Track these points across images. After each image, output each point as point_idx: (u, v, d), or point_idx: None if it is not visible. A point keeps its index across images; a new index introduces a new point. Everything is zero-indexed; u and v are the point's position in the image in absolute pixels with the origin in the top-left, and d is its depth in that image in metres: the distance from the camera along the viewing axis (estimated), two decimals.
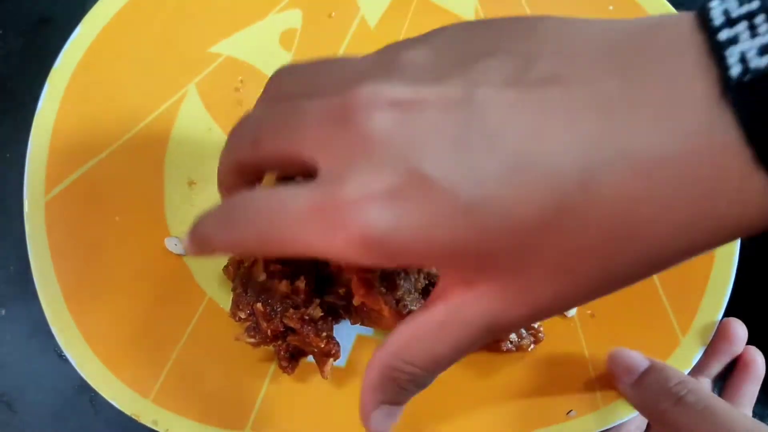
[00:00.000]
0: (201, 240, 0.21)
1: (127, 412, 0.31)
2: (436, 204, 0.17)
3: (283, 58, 0.37)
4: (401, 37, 0.38)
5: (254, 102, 0.36)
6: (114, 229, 0.34)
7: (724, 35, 0.15)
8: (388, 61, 0.20)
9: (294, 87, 0.22)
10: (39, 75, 0.35)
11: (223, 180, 0.24)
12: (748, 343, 0.34)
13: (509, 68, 0.18)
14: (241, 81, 0.37)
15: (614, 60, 0.17)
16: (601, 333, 0.34)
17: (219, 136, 0.36)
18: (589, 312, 0.34)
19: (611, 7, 0.38)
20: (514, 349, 0.33)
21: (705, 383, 0.35)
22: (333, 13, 0.38)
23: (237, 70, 0.37)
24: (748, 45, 0.15)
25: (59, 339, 0.32)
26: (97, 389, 0.32)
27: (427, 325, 0.20)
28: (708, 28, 0.16)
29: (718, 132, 0.15)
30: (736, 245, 0.34)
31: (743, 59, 0.15)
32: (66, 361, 0.32)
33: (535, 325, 0.33)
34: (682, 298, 0.34)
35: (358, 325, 0.34)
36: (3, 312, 0.38)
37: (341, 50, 0.37)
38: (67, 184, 0.34)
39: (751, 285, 0.35)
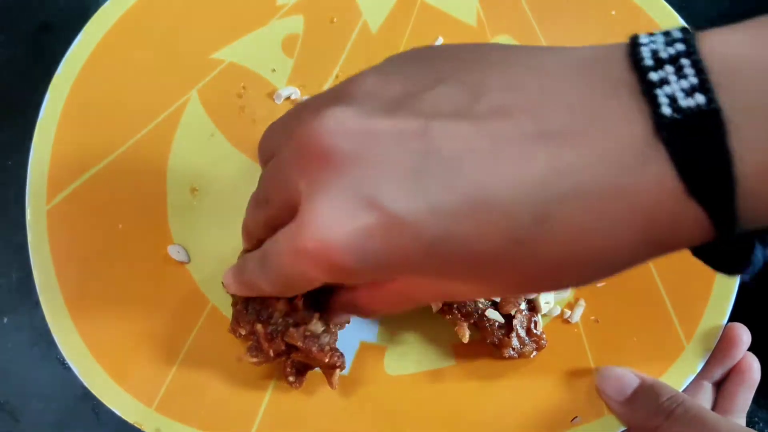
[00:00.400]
0: (251, 286, 0.25)
1: (130, 420, 0.31)
2: (398, 237, 0.18)
3: (286, 63, 0.37)
4: (404, 41, 0.37)
5: (256, 108, 0.36)
6: (117, 237, 0.33)
7: (654, 76, 0.17)
8: (341, 91, 0.20)
9: (276, 140, 0.24)
10: (41, 81, 0.35)
11: (252, 233, 0.26)
12: (750, 348, 0.34)
13: (459, 99, 0.18)
14: (244, 87, 0.36)
15: (559, 94, 0.18)
16: (605, 339, 0.33)
17: (221, 142, 0.35)
18: (593, 318, 0.34)
19: (614, 12, 0.37)
20: (516, 356, 0.32)
21: (706, 388, 0.34)
22: (335, 19, 0.37)
23: (239, 76, 0.36)
24: (676, 87, 0.16)
25: (62, 347, 0.32)
26: (99, 398, 0.31)
27: (391, 297, 0.23)
28: (639, 69, 0.17)
29: (654, 168, 0.16)
30: None
31: (673, 99, 0.16)
32: (68, 369, 0.32)
33: (538, 332, 0.33)
34: (687, 304, 0.33)
35: (360, 333, 0.33)
36: (5, 320, 0.38)
37: (343, 56, 0.37)
38: (69, 192, 0.33)
39: (754, 290, 0.35)
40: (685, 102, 0.16)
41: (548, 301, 0.33)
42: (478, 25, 0.38)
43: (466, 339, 0.32)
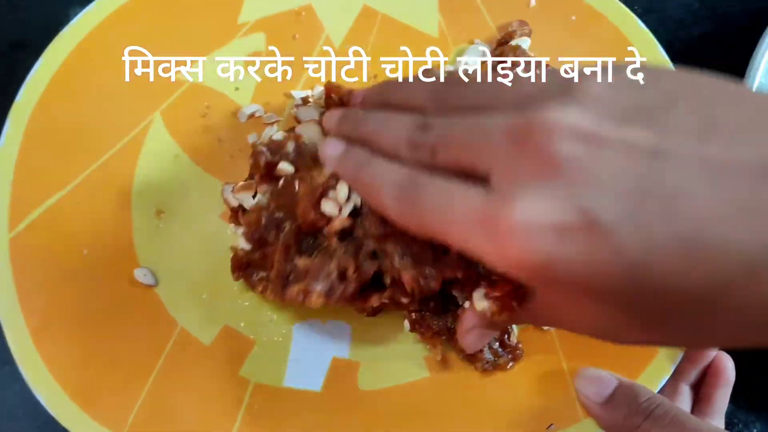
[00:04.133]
0: (378, 203, 0.23)
1: None
2: (601, 252, 0.16)
3: (249, 81, 0.34)
4: (367, 53, 0.35)
5: (221, 128, 0.34)
6: (82, 263, 0.31)
7: None
8: (568, 87, 0.18)
9: (465, 100, 0.22)
10: (12, 101, 0.32)
11: (367, 133, 0.24)
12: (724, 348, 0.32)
13: (694, 129, 0.16)
14: (207, 107, 0.34)
15: None
16: (579, 345, 0.31)
17: (186, 163, 0.33)
18: None
19: (574, 17, 0.35)
20: (491, 368, 0.30)
21: (684, 390, 0.33)
22: (296, 35, 0.35)
23: (202, 96, 0.34)
24: None
25: (26, 376, 0.30)
26: (68, 428, 0.29)
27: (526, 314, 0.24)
28: None
29: None
30: None
31: None
32: None
33: (512, 343, 0.31)
34: None
35: (332, 349, 0.31)
36: None
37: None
38: (32, 220, 0.31)
39: None
40: None
41: None
42: (440, 36, 0.35)
43: (439, 356, 0.30)
